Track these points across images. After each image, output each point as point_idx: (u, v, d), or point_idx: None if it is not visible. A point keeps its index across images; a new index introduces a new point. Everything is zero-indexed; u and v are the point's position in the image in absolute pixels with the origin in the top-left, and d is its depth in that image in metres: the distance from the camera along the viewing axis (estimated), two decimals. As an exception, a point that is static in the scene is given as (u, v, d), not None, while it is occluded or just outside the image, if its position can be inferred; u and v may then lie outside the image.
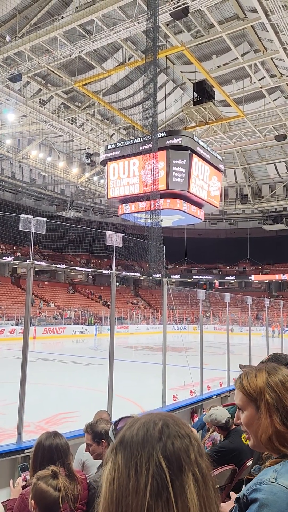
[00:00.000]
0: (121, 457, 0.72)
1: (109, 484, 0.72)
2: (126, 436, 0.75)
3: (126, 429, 0.76)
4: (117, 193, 16.36)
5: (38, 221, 5.36)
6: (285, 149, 30.92)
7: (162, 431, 0.73)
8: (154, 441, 0.72)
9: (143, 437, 0.73)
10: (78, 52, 16.51)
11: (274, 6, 13.32)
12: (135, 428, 0.75)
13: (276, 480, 1.09)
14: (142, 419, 0.77)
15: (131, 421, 0.78)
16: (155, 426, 0.74)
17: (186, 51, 17.13)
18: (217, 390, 8.73)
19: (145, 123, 11.90)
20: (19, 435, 4.83)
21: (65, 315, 36.76)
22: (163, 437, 0.72)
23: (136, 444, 0.72)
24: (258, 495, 1.08)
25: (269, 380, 1.30)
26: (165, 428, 0.74)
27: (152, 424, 0.75)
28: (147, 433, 0.73)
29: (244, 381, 1.35)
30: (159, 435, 0.73)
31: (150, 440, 0.72)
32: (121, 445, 0.74)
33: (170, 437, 0.72)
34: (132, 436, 0.74)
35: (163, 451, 0.70)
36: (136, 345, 28.43)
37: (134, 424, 0.76)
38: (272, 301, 16.94)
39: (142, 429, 0.74)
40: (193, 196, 15.80)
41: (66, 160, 32.61)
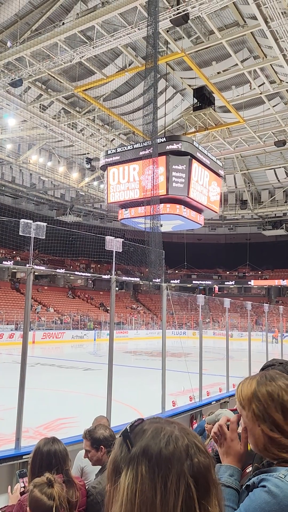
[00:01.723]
0: (145, 469, 0.70)
1: (130, 494, 0.69)
2: (152, 447, 0.71)
3: (150, 438, 0.73)
4: (117, 198, 16.38)
5: (38, 225, 5.36)
6: (285, 155, 31.02)
7: (188, 448, 0.72)
8: (183, 458, 0.70)
9: (172, 452, 0.70)
10: (79, 58, 16.60)
11: (274, 13, 13.42)
12: (162, 440, 0.72)
13: (284, 477, 1.12)
14: (165, 430, 0.74)
15: (152, 430, 0.75)
16: (182, 440, 0.73)
17: (186, 57, 17.23)
18: (217, 395, 8.70)
19: (145, 128, 11.93)
20: (17, 441, 4.81)
21: (64, 320, 36.69)
22: (190, 454, 0.71)
23: (165, 459, 0.69)
24: (265, 483, 1.13)
25: (257, 390, 1.32)
26: (191, 444, 0.73)
27: (179, 438, 0.73)
28: (176, 449, 0.71)
29: (239, 388, 1.38)
30: (186, 452, 0.71)
31: (179, 457, 0.70)
32: (145, 456, 0.71)
33: (196, 455, 0.71)
34: (160, 448, 0.71)
35: (191, 471, 0.69)
36: (135, 350, 28.36)
37: (158, 434, 0.74)
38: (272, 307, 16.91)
39: (170, 442, 0.72)
40: (192, 201, 15.82)
41: (66, 165, 32.69)
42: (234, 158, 33.28)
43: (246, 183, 37.77)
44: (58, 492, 2.16)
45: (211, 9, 13.61)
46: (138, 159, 14.51)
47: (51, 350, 28.01)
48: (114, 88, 21.72)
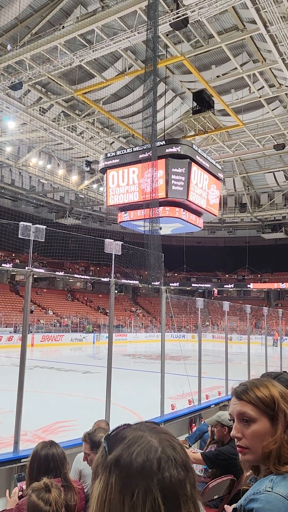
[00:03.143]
0: (116, 479, 0.70)
1: (100, 503, 0.71)
2: (124, 457, 0.71)
3: (125, 448, 0.73)
4: (116, 201, 16.39)
5: (37, 228, 5.35)
6: (284, 158, 31.10)
7: (161, 461, 0.71)
8: (153, 472, 0.69)
9: (142, 465, 0.70)
10: (79, 61, 16.65)
11: (273, 18, 13.48)
12: (134, 451, 0.72)
13: (272, 490, 1.09)
14: (141, 440, 0.74)
15: (129, 439, 0.74)
16: (155, 453, 0.71)
17: (186, 61, 17.29)
18: (216, 399, 8.67)
19: (145, 131, 11.97)
20: (16, 444, 4.78)
21: (63, 323, 36.65)
22: (162, 468, 0.70)
23: (134, 471, 0.69)
24: (255, 505, 1.08)
25: (280, 390, 1.30)
26: (164, 457, 0.71)
27: (152, 450, 0.72)
28: (146, 462, 0.70)
29: (257, 391, 1.30)
30: (157, 465, 0.70)
31: (149, 471, 0.69)
32: (117, 466, 0.71)
33: (169, 469, 0.70)
34: (131, 460, 0.70)
35: (161, 486, 0.68)
36: (134, 353, 28.31)
37: (133, 445, 0.73)
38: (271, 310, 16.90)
39: (141, 455, 0.71)
40: (192, 204, 15.83)
41: (65, 167, 32.74)
42: (234, 162, 33.35)
43: (246, 186, 37.82)
44: (55, 497, 2.15)
45: (211, 13, 13.67)
46: (138, 162, 14.54)
47: (50, 353, 27.96)
48: (113, 91, 21.77)
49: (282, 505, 1.05)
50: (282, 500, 1.06)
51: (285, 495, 1.07)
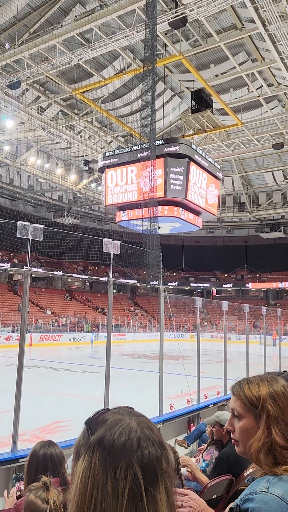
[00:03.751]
0: (99, 457, 0.78)
1: (84, 479, 0.78)
2: (106, 437, 0.79)
3: (107, 429, 0.81)
4: (115, 200, 16.36)
5: (35, 227, 5.34)
6: (283, 158, 31.10)
7: (140, 440, 0.79)
8: (133, 450, 0.77)
9: (123, 444, 0.78)
10: (77, 60, 16.62)
11: (272, 17, 13.47)
12: (116, 432, 0.79)
13: (268, 490, 1.09)
14: (122, 422, 0.82)
15: (111, 422, 0.82)
16: (135, 433, 0.79)
17: (184, 60, 17.27)
18: (214, 398, 8.67)
19: (143, 130, 11.94)
20: (14, 444, 4.77)
21: (59, 322, 36.61)
22: (141, 446, 0.78)
23: (116, 450, 0.77)
24: (251, 504, 1.08)
25: (272, 390, 1.28)
26: (143, 436, 0.80)
27: (133, 431, 0.80)
28: (128, 441, 0.78)
29: (246, 389, 1.32)
30: (137, 444, 0.78)
31: (129, 449, 0.77)
32: (100, 446, 0.79)
33: (147, 447, 0.79)
34: (113, 440, 0.78)
35: (140, 461, 0.77)
36: (133, 353, 28.31)
37: (114, 426, 0.81)
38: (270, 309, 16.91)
39: (123, 435, 0.79)
40: (190, 204, 15.81)
41: (64, 167, 32.69)
42: (232, 161, 33.35)
43: (244, 185, 37.83)
44: (54, 497, 2.13)
45: (209, 12, 13.65)
46: (136, 161, 14.51)
47: (48, 353, 27.92)
48: (112, 91, 21.75)
49: (278, 505, 1.05)
50: (278, 501, 1.06)
51: (281, 496, 1.07)
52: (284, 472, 1.15)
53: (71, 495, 0.81)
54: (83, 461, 0.80)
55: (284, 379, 1.37)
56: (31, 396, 10.01)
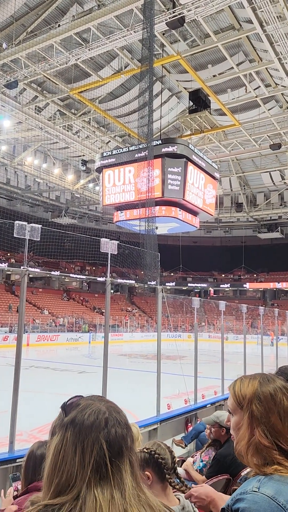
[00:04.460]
0: (70, 434, 0.90)
1: (55, 453, 0.91)
2: (78, 418, 0.92)
3: (78, 411, 0.93)
4: (112, 200, 16.36)
5: (33, 227, 5.33)
6: (280, 158, 31.16)
7: (108, 420, 0.91)
8: (100, 428, 0.90)
9: (92, 422, 0.90)
10: (75, 60, 16.61)
11: (269, 17, 13.49)
12: (87, 413, 0.92)
13: (258, 490, 1.09)
14: (92, 406, 0.94)
15: (83, 405, 0.95)
16: (103, 415, 0.92)
17: (182, 60, 17.28)
18: (212, 398, 8.67)
19: (141, 131, 11.94)
20: (11, 444, 4.76)
21: (57, 323, 36.57)
22: (108, 425, 0.90)
23: (85, 428, 0.90)
24: (241, 504, 1.08)
25: (259, 390, 1.27)
26: (110, 418, 0.92)
27: (101, 412, 0.92)
28: (96, 420, 0.91)
29: (237, 387, 1.33)
30: (105, 423, 0.91)
31: (97, 427, 0.90)
32: (72, 424, 0.91)
33: (114, 426, 0.91)
34: (84, 419, 0.91)
35: (106, 437, 0.89)
36: (130, 353, 28.29)
37: (85, 409, 0.93)
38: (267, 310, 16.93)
39: (92, 415, 0.92)
40: (188, 204, 15.83)
41: (61, 166, 32.65)
42: (230, 161, 33.39)
43: (242, 186, 37.88)
44: None
45: (207, 13, 13.67)
46: (134, 161, 14.51)
47: (46, 353, 27.88)
48: (109, 90, 21.73)
49: (267, 505, 1.05)
50: (268, 501, 1.06)
51: (271, 496, 1.07)
52: (274, 471, 1.14)
53: (45, 468, 0.92)
54: (56, 437, 0.92)
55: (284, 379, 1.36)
56: (29, 396, 9.99)
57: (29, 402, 9.80)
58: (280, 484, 1.10)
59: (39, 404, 11.05)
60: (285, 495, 1.06)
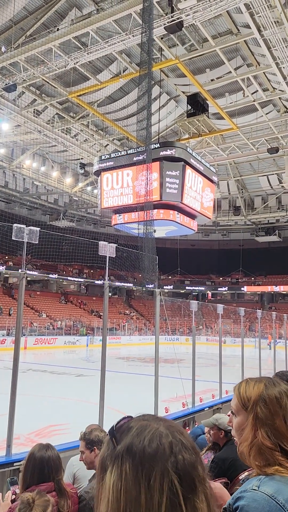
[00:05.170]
0: (130, 466, 0.70)
1: (115, 491, 0.69)
2: (135, 444, 0.72)
3: (134, 436, 0.73)
4: (111, 204, 16.37)
5: (31, 230, 5.34)
6: (278, 162, 31.25)
7: (172, 444, 0.72)
8: (166, 455, 0.70)
9: (155, 450, 0.70)
10: (73, 64, 16.65)
11: (267, 22, 13.57)
12: (146, 438, 0.72)
13: (258, 488, 1.10)
14: (149, 427, 0.75)
15: (137, 428, 0.75)
16: (166, 437, 0.72)
17: (180, 64, 17.35)
18: (210, 402, 8.68)
19: (139, 134, 11.97)
20: (8, 448, 4.75)
21: (54, 326, 36.47)
22: (174, 451, 0.71)
23: (147, 457, 0.70)
24: (241, 502, 1.10)
25: (265, 393, 1.29)
26: (175, 441, 0.72)
27: (163, 435, 0.73)
28: (159, 446, 0.71)
29: (242, 388, 1.35)
30: (170, 449, 0.71)
31: (162, 454, 0.70)
32: (129, 454, 0.71)
33: (180, 452, 0.71)
34: (144, 446, 0.71)
35: (175, 468, 0.69)
36: (128, 356, 28.25)
37: (143, 432, 0.73)
38: (265, 313, 16.95)
39: (153, 440, 0.72)
40: (186, 207, 15.85)
41: (59, 170, 32.68)
42: (228, 165, 33.47)
43: (240, 189, 37.96)
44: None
45: (205, 17, 13.73)
46: (132, 164, 14.54)
47: (43, 356, 27.82)
48: (108, 94, 21.79)
49: (266, 503, 1.06)
50: (267, 499, 1.07)
51: (270, 494, 1.08)
52: (275, 472, 1.16)
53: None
54: (111, 473, 0.71)
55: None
56: (26, 400, 9.97)
57: (26, 405, 9.78)
58: (280, 484, 1.11)
59: (37, 408, 11.03)
60: (285, 495, 1.08)
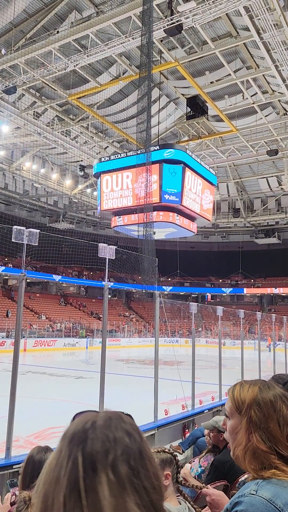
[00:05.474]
0: (57, 447, 0.79)
1: (43, 469, 0.79)
2: (67, 429, 0.80)
3: (72, 422, 0.82)
4: (110, 206, 16.39)
5: (31, 232, 5.34)
6: (277, 164, 31.31)
7: (89, 430, 0.78)
8: (79, 439, 0.77)
9: (73, 433, 0.78)
10: (73, 66, 16.68)
11: (266, 25, 13.61)
12: (75, 423, 0.81)
13: (256, 492, 1.10)
14: (89, 416, 0.82)
15: (82, 416, 0.83)
16: (87, 424, 0.79)
17: (180, 66, 17.39)
18: (209, 404, 8.67)
19: (139, 136, 11.99)
20: (8, 450, 4.74)
21: (54, 328, 36.44)
22: (88, 437, 0.77)
23: (66, 439, 0.78)
24: (239, 507, 1.09)
25: (259, 396, 1.27)
26: (92, 428, 0.78)
27: (89, 422, 0.80)
28: (76, 430, 0.79)
29: (236, 391, 1.33)
30: (85, 434, 0.78)
31: (76, 438, 0.77)
32: (61, 437, 0.79)
33: (94, 438, 0.77)
34: (68, 430, 0.80)
35: (82, 450, 0.75)
36: (127, 358, 28.22)
37: (80, 419, 0.82)
38: (264, 315, 16.97)
39: (77, 425, 0.80)
40: (185, 209, 15.87)
41: (59, 172, 32.70)
42: (227, 167, 33.52)
43: (239, 191, 38.01)
44: None
45: (204, 20, 13.77)
46: (132, 166, 14.56)
47: (43, 358, 27.78)
48: (108, 96, 21.83)
49: (265, 508, 1.05)
50: (265, 503, 1.06)
51: (268, 498, 1.07)
52: (272, 475, 1.15)
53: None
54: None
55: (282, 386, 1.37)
56: (25, 402, 9.94)
57: (26, 408, 9.76)
58: (277, 488, 1.10)
59: (36, 410, 11.00)
60: (283, 498, 1.07)
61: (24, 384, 10.68)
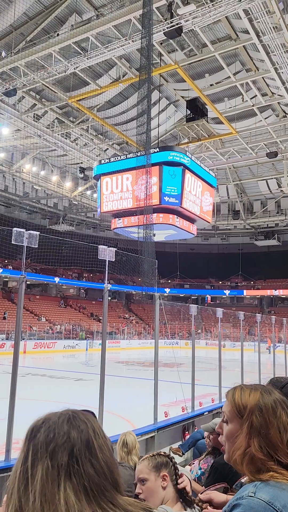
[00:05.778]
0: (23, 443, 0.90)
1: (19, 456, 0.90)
2: (31, 427, 0.91)
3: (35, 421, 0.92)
4: (110, 208, 16.40)
5: (31, 234, 5.35)
6: (277, 166, 31.35)
7: (41, 426, 0.88)
8: (31, 434, 0.88)
9: (29, 430, 0.89)
10: (73, 69, 16.72)
11: (265, 28, 13.65)
12: (34, 421, 0.91)
13: (255, 495, 1.09)
14: (48, 414, 0.92)
15: (44, 415, 0.93)
16: (40, 421, 0.90)
17: (180, 69, 17.43)
18: (209, 406, 8.66)
19: (139, 138, 12.02)
20: (7, 452, 4.74)
21: (54, 330, 36.41)
22: (38, 431, 0.87)
23: (25, 436, 0.89)
24: (237, 510, 1.08)
25: (261, 401, 1.27)
26: (44, 424, 0.89)
27: (42, 420, 0.90)
28: (32, 427, 0.89)
29: (237, 395, 1.32)
30: (36, 430, 0.88)
31: (30, 433, 0.88)
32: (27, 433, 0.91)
33: (42, 432, 0.87)
34: (28, 428, 0.90)
35: (31, 443, 0.86)
36: (127, 360, 28.21)
37: (39, 417, 0.92)
38: (264, 317, 16.96)
39: (35, 422, 0.90)
40: (185, 211, 15.89)
41: (59, 174, 32.73)
42: (227, 169, 33.55)
43: (239, 193, 38.04)
44: None
45: (204, 23, 13.81)
46: (131, 169, 14.58)
47: (43, 360, 27.76)
48: (108, 99, 21.87)
49: (263, 510, 1.05)
50: (263, 506, 1.06)
51: (267, 501, 1.07)
52: (270, 478, 1.14)
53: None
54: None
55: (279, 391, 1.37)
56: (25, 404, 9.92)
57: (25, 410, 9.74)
58: (276, 490, 1.10)
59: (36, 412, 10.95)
60: (281, 501, 1.07)
61: (24, 386, 10.67)
